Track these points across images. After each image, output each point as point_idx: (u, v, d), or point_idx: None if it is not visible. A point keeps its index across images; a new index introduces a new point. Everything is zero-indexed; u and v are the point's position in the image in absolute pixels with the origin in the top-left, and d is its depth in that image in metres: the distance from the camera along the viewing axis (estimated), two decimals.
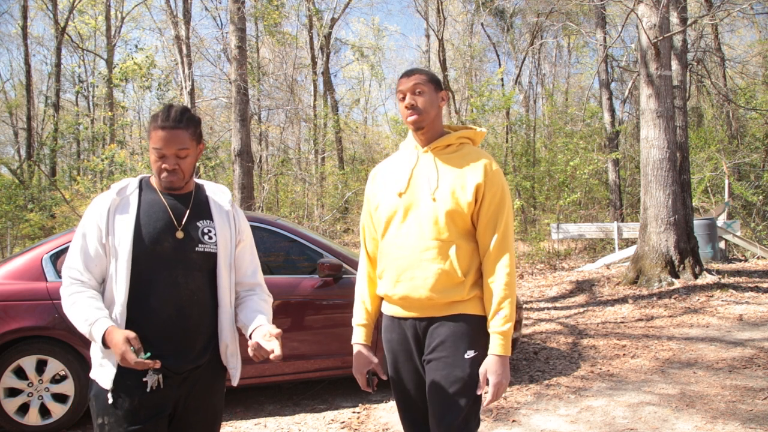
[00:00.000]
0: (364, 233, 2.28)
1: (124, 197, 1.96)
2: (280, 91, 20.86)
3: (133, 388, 1.84)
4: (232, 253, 2.04)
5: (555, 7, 17.71)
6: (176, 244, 1.94)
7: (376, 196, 2.19)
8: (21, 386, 3.94)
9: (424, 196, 2.06)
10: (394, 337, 2.14)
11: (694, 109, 18.49)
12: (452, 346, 2.01)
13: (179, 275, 1.92)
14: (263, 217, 4.94)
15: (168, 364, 1.86)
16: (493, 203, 2.04)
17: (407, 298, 2.06)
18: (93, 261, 1.89)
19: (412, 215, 2.06)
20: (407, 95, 2.09)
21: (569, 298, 8.58)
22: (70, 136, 20.22)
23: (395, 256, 2.08)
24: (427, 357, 2.06)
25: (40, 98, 23.99)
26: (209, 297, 1.99)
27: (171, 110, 1.91)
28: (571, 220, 15.47)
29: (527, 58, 23.23)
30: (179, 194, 2.01)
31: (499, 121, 19.43)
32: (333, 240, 9.28)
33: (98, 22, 21.77)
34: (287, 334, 4.39)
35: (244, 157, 10.60)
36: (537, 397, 4.41)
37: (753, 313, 6.90)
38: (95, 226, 1.91)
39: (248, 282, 2.11)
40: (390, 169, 2.20)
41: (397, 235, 2.08)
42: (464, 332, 2.02)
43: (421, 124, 2.10)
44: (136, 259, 1.88)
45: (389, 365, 2.19)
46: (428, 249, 2.02)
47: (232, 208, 2.10)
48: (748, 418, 3.80)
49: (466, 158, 2.10)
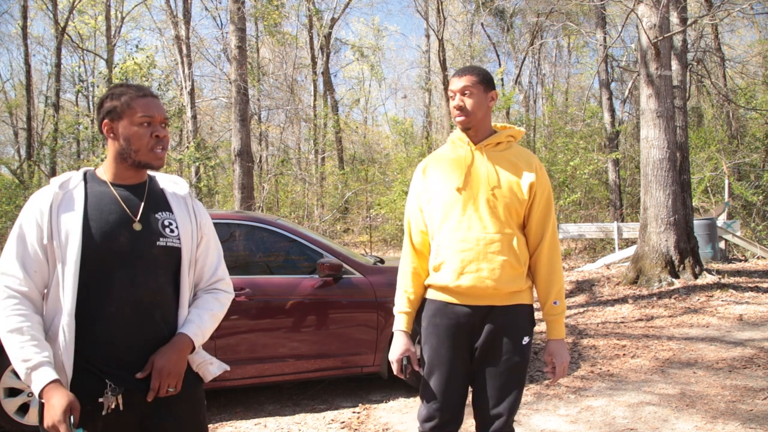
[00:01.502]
0: (410, 226, 2.31)
1: (67, 191, 1.71)
2: (280, 91, 20.87)
3: (91, 410, 1.61)
4: (193, 250, 1.82)
5: (555, 7, 17.71)
6: (133, 238, 1.70)
7: (429, 190, 2.25)
8: (21, 386, 3.94)
9: (483, 191, 2.16)
10: (444, 322, 2.19)
11: (694, 109, 18.49)
12: (513, 333, 2.16)
13: (138, 274, 1.69)
14: (263, 217, 4.94)
15: (128, 380, 1.66)
16: (543, 200, 2.20)
17: (474, 289, 2.14)
18: (33, 266, 1.64)
19: (472, 209, 2.16)
20: (456, 95, 2.19)
21: (569, 298, 8.58)
22: (70, 136, 20.19)
23: (458, 249, 2.14)
24: (486, 343, 2.16)
25: (40, 98, 24.01)
26: (171, 298, 1.78)
27: (139, 85, 1.80)
28: (571, 220, 15.47)
29: (527, 58, 23.23)
30: (130, 184, 1.78)
31: (499, 121, 19.39)
32: (333, 240, 9.28)
33: (98, 22, 21.75)
34: (287, 334, 4.39)
35: (244, 157, 10.60)
36: (537, 397, 4.41)
37: (753, 313, 6.90)
38: (35, 226, 1.66)
39: (211, 279, 1.89)
40: (443, 164, 2.27)
41: (458, 229, 2.15)
42: (521, 321, 2.19)
43: (469, 125, 2.21)
44: (87, 259, 1.64)
45: (429, 350, 2.21)
46: (493, 242, 2.13)
47: (191, 200, 1.89)
48: (748, 418, 3.80)
49: (518, 157, 2.23)
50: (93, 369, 1.65)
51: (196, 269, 1.85)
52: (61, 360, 1.62)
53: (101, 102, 1.79)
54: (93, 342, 1.65)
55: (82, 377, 1.63)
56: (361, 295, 4.47)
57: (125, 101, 1.74)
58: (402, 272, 2.31)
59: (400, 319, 2.26)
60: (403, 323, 2.26)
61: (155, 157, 1.76)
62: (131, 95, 1.75)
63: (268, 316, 4.34)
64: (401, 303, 2.28)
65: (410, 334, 2.25)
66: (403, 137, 20.27)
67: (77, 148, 22.06)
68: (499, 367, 2.14)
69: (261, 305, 4.30)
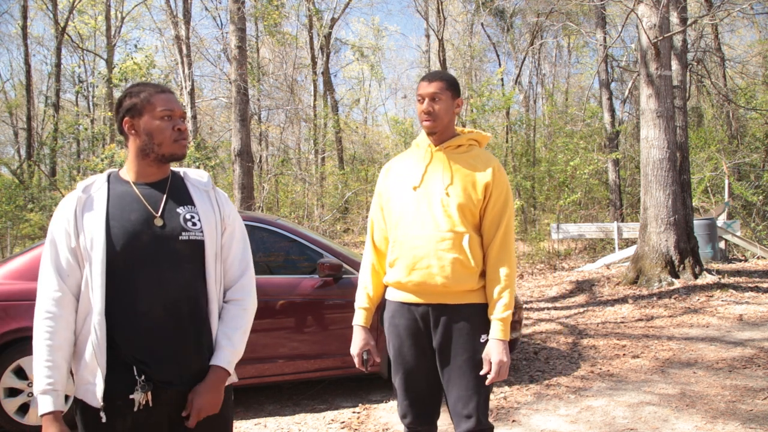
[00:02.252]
0: (372, 225, 2.40)
1: (90, 194, 1.76)
2: (280, 91, 20.86)
3: (123, 407, 1.66)
4: (218, 241, 1.83)
5: (555, 7, 17.72)
6: (156, 234, 1.72)
7: (389, 189, 2.33)
8: (21, 386, 3.94)
9: (438, 190, 2.21)
10: (402, 322, 2.25)
11: (694, 109, 18.49)
12: (470, 332, 2.18)
13: (164, 270, 1.71)
14: (263, 217, 4.94)
15: (160, 376, 1.68)
16: (499, 201, 2.22)
17: (423, 285, 2.18)
18: (66, 272, 1.69)
19: (426, 208, 2.21)
20: (426, 100, 2.25)
21: (569, 298, 8.58)
22: (70, 136, 20.21)
23: (410, 246, 2.20)
24: (443, 342, 2.20)
25: (40, 98, 24.02)
26: (200, 291, 1.77)
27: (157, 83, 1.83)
28: (571, 220, 15.47)
29: (527, 58, 23.24)
30: (152, 181, 1.81)
31: (499, 121, 19.44)
32: (333, 240, 9.28)
33: (98, 22, 21.76)
34: (287, 334, 4.39)
35: (244, 157, 10.60)
36: (537, 397, 4.41)
37: (753, 313, 6.90)
38: (63, 231, 1.71)
39: (234, 281, 1.88)
40: (403, 165, 2.35)
41: (412, 227, 2.21)
42: (477, 319, 2.20)
43: (435, 130, 2.26)
44: (113, 258, 1.67)
45: (393, 349, 2.29)
46: (444, 240, 2.17)
47: (214, 192, 1.90)
48: (748, 418, 3.80)
49: (476, 159, 2.27)
50: (125, 365, 1.67)
51: (222, 260, 1.85)
52: (95, 357, 1.66)
53: (120, 101, 1.82)
54: (124, 339, 1.68)
55: (115, 374, 1.67)
56: None
57: (145, 97, 1.78)
58: (362, 269, 2.40)
59: (359, 315, 2.35)
60: (361, 318, 2.35)
61: (179, 146, 1.79)
62: (150, 92, 1.79)
63: (268, 316, 4.33)
64: (360, 299, 2.37)
65: (368, 328, 2.34)
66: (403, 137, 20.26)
67: (77, 148, 22.07)
68: (461, 367, 2.17)
69: (261, 305, 4.22)
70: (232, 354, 1.81)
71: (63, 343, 1.67)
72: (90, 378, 1.67)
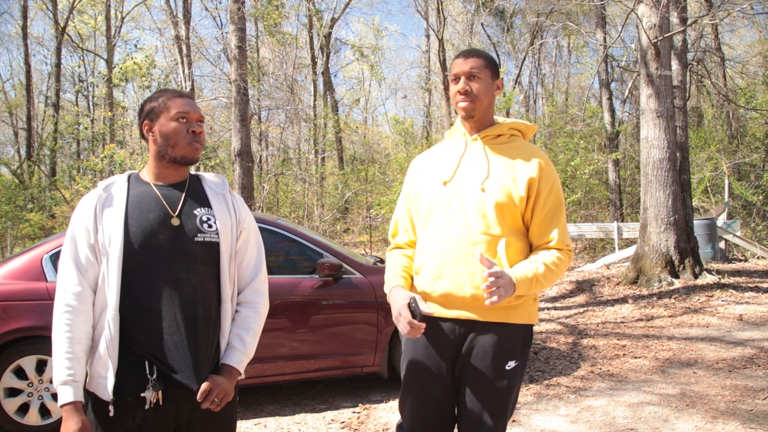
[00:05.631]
0: (396, 227, 2.11)
1: (110, 192, 1.80)
2: (280, 91, 20.86)
3: (134, 404, 1.69)
4: (233, 244, 1.86)
5: (555, 7, 17.70)
6: (172, 235, 1.75)
7: (417, 186, 2.03)
8: (21, 386, 3.94)
9: (472, 185, 1.89)
10: (421, 340, 1.95)
11: (694, 109, 18.49)
12: (497, 358, 1.86)
13: (179, 269, 1.74)
14: (263, 217, 4.94)
15: (170, 375, 1.70)
16: (549, 200, 1.89)
17: (449, 296, 1.88)
18: (85, 267, 1.73)
19: (458, 205, 1.90)
20: (462, 79, 1.94)
21: (569, 298, 8.58)
22: (69, 136, 20.23)
23: (438, 249, 1.90)
24: (463, 367, 1.91)
25: (40, 98, 24.02)
26: (213, 293, 1.80)
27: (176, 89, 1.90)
28: (571, 220, 15.48)
29: (527, 58, 23.24)
30: (172, 183, 1.84)
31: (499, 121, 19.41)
32: (333, 240, 9.28)
33: (98, 22, 21.77)
34: (287, 334, 4.39)
35: (244, 157, 10.60)
36: (537, 397, 4.40)
37: (753, 313, 6.90)
38: (83, 228, 1.75)
39: (248, 284, 1.91)
40: (434, 159, 2.05)
41: (440, 227, 1.91)
42: (509, 344, 1.88)
43: (473, 113, 1.96)
44: (129, 256, 1.71)
45: (405, 370, 2.01)
46: (476, 243, 1.85)
47: (231, 196, 1.92)
48: (748, 418, 3.79)
49: (519, 151, 1.95)
50: (138, 363, 1.70)
51: (237, 264, 1.88)
52: (108, 351, 1.69)
53: (142, 106, 1.89)
54: (137, 336, 1.71)
55: (127, 370, 1.70)
56: (361, 295, 4.47)
57: (162, 101, 1.84)
58: (390, 267, 2.07)
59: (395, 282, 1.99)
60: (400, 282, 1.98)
61: (192, 149, 1.82)
62: (168, 96, 1.85)
63: (268, 316, 4.29)
64: (394, 280, 2.00)
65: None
66: (403, 137, 20.27)
67: (77, 148, 22.06)
68: (481, 395, 1.87)
69: None
70: (244, 354, 1.84)
71: (82, 335, 1.71)
72: (102, 371, 1.71)
